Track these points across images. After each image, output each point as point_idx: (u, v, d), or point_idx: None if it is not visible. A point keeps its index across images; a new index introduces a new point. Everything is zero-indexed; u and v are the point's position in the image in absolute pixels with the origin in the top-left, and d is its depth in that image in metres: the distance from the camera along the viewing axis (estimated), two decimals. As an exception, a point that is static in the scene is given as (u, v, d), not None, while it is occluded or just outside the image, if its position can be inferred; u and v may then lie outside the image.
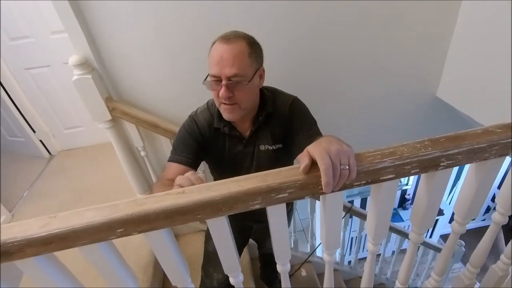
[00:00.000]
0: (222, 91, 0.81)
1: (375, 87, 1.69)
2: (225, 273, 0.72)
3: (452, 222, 0.77)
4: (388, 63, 1.62)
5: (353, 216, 2.02)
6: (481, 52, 1.43)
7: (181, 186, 0.62)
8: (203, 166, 1.58)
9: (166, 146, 1.48)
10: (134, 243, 1.59)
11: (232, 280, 0.75)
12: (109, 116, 1.33)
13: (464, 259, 3.19)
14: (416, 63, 1.64)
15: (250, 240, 1.45)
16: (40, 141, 2.51)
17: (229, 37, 0.81)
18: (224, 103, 0.84)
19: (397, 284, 0.91)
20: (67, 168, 2.38)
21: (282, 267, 0.75)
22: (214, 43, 0.84)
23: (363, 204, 4.20)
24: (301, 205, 2.05)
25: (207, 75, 0.85)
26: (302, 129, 0.92)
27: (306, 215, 2.45)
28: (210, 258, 1.26)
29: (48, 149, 2.57)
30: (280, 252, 0.70)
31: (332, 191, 0.54)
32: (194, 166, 0.93)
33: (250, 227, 1.30)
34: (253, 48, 0.84)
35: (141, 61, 1.34)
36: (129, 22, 1.24)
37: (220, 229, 0.62)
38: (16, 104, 2.30)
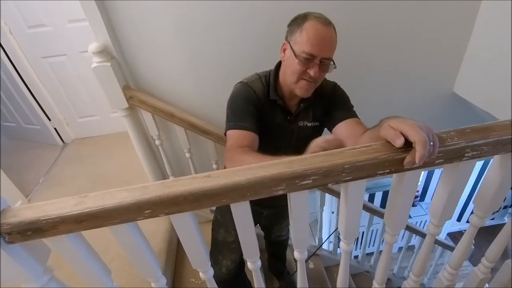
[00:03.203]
0: (316, 70, 0.85)
1: (391, 81, 1.68)
2: (244, 257, 0.74)
3: (471, 215, 0.77)
4: (405, 58, 1.60)
5: (363, 210, 2.03)
6: (500, 48, 1.40)
7: (324, 149, 0.62)
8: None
9: (180, 135, 1.50)
10: (147, 231, 1.60)
11: (250, 266, 0.77)
12: (126, 104, 1.34)
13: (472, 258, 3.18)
14: (434, 58, 1.62)
15: (258, 230, 1.46)
16: (55, 129, 2.56)
17: (325, 20, 0.85)
18: (306, 80, 0.88)
19: (411, 275, 0.92)
20: (81, 156, 2.42)
21: (300, 255, 0.76)
22: (304, 19, 0.84)
23: (371, 199, 4.19)
24: (309, 199, 2.07)
25: (282, 45, 0.92)
26: (343, 107, 0.98)
27: (314, 209, 2.45)
28: (219, 246, 1.29)
29: (62, 137, 2.61)
30: (299, 239, 0.71)
31: (412, 168, 0.55)
32: (257, 133, 0.92)
33: (260, 213, 1.31)
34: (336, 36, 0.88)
35: (160, 52, 1.34)
36: (149, 13, 1.24)
37: (243, 214, 0.63)
38: (33, 92, 2.34)
